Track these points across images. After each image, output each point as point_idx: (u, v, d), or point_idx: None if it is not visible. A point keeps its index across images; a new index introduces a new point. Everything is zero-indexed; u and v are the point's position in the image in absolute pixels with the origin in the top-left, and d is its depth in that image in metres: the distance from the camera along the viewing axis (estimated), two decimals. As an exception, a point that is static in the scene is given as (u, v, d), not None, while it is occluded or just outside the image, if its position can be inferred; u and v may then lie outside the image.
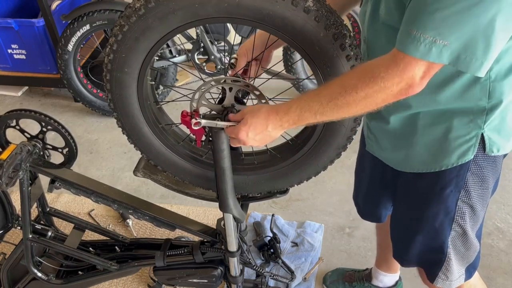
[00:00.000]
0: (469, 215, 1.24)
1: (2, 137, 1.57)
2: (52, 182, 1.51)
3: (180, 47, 3.08)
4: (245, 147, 1.19)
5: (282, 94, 1.33)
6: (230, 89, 1.15)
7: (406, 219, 1.36)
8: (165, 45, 2.96)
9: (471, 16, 0.83)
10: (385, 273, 1.91)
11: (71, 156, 1.58)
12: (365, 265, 2.08)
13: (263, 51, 1.23)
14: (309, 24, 0.99)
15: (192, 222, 1.56)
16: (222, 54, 3.03)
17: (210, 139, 1.20)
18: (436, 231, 1.27)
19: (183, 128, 1.25)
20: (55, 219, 1.79)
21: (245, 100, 1.20)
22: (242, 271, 1.56)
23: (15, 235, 2.18)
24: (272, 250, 1.95)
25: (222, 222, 1.41)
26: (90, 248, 1.69)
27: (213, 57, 3.00)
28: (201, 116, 1.16)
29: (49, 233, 1.67)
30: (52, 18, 3.00)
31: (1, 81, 3.38)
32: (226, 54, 3.02)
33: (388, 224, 1.51)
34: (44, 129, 1.53)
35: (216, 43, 3.05)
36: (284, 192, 1.39)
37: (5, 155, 1.39)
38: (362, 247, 2.23)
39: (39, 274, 1.62)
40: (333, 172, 2.61)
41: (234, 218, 1.36)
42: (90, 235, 1.95)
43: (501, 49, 0.93)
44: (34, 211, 1.67)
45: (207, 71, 3.07)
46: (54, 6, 3.11)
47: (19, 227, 1.63)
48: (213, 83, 1.14)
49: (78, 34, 2.88)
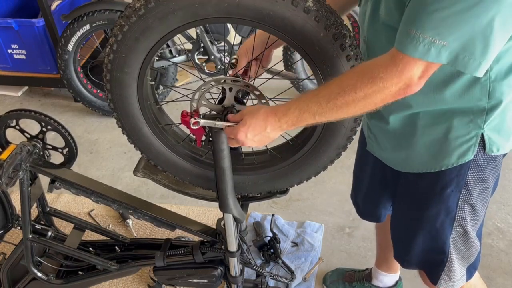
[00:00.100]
0: (470, 214, 1.24)
1: (2, 137, 1.57)
2: (52, 182, 1.51)
3: (180, 47, 3.08)
4: (245, 147, 1.19)
5: (282, 94, 1.33)
6: (230, 89, 1.15)
7: (407, 219, 1.36)
8: (165, 45, 2.96)
9: (471, 17, 0.83)
10: (385, 273, 1.91)
11: (71, 156, 1.58)
12: (365, 265, 2.08)
13: (263, 51, 1.23)
14: (309, 24, 0.99)
15: (192, 222, 1.56)
16: (222, 54, 3.02)
17: (210, 139, 1.20)
18: (437, 231, 1.27)
19: (183, 128, 1.25)
20: (55, 219, 1.79)
21: (245, 100, 1.20)
22: (242, 271, 1.56)
23: (15, 235, 2.18)
24: (272, 250, 1.95)
25: (222, 222, 1.41)
26: (90, 248, 1.69)
27: (213, 57, 3.00)
28: (201, 116, 1.16)
29: (49, 233, 1.67)
30: (52, 18, 3.00)
31: (1, 81, 3.38)
32: (226, 54, 3.01)
33: (388, 224, 1.51)
34: (44, 129, 1.53)
35: (216, 43, 3.05)
36: (284, 192, 1.39)
37: (5, 155, 1.39)
38: (362, 247, 2.23)
39: (39, 274, 1.62)
40: (333, 172, 2.61)
41: (234, 218, 1.36)
42: (90, 235, 1.95)
43: (501, 50, 0.93)
44: (34, 211, 1.66)
45: (207, 71, 3.07)
46: (54, 6, 3.11)
47: (19, 227, 1.63)
48: (213, 83, 1.14)
49: (78, 34, 2.88)
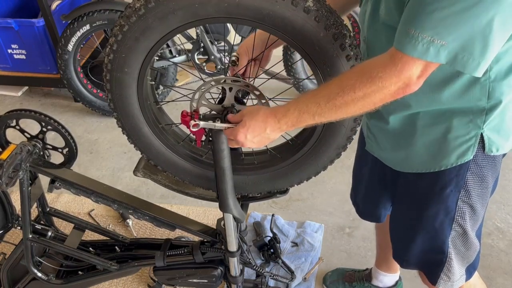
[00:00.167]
0: (469, 214, 1.24)
1: (2, 137, 1.57)
2: (52, 182, 1.51)
3: (180, 47, 3.08)
4: (245, 147, 1.19)
5: (282, 94, 1.33)
6: (230, 89, 1.15)
7: (406, 219, 1.36)
8: (165, 45, 2.96)
9: (470, 17, 0.83)
10: (385, 273, 1.91)
11: (71, 156, 1.58)
12: (365, 265, 2.08)
13: (263, 51, 1.23)
14: (309, 24, 0.99)
15: (192, 222, 1.56)
16: (222, 54, 3.02)
17: (210, 139, 1.20)
18: (436, 231, 1.27)
19: (183, 128, 1.25)
20: (55, 219, 1.79)
21: (245, 100, 1.20)
22: (242, 271, 1.56)
23: (15, 235, 2.18)
24: (272, 250, 1.95)
25: (222, 222, 1.41)
26: (90, 248, 1.69)
27: (213, 57, 3.00)
28: (201, 117, 1.16)
29: (49, 233, 1.67)
30: (52, 18, 3.00)
31: (1, 81, 3.38)
32: (226, 54, 3.02)
33: (387, 224, 1.51)
34: (44, 129, 1.53)
35: (216, 43, 3.05)
36: (284, 192, 1.39)
37: (5, 155, 1.39)
38: (362, 247, 2.23)
39: (39, 274, 1.62)
40: (333, 172, 2.61)
41: (234, 218, 1.36)
42: (90, 235, 1.95)
43: (501, 50, 0.93)
44: (34, 211, 1.66)
45: (207, 71, 3.07)
46: (54, 6, 3.11)
47: (19, 227, 1.63)
48: (213, 83, 1.14)
49: (78, 34, 2.88)
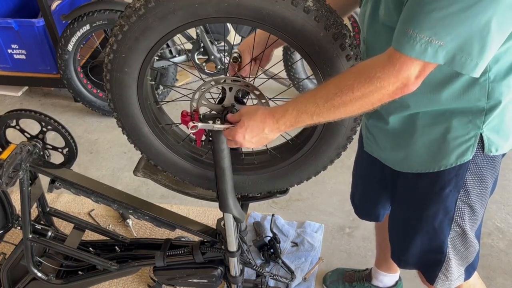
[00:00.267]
0: (469, 215, 1.24)
1: (2, 137, 1.57)
2: (52, 182, 1.51)
3: (180, 47, 3.08)
4: (245, 147, 1.19)
5: (282, 94, 1.33)
6: (230, 89, 1.16)
7: (405, 219, 1.36)
8: (165, 45, 2.96)
9: (468, 17, 0.83)
10: (385, 273, 1.91)
11: (71, 156, 1.58)
12: (365, 265, 2.08)
13: (264, 51, 1.23)
14: (309, 24, 0.99)
15: (192, 222, 1.56)
16: (222, 54, 3.03)
17: (210, 139, 1.20)
18: (435, 231, 1.28)
19: (183, 128, 1.25)
20: (55, 219, 1.79)
21: (245, 100, 1.20)
22: (242, 271, 1.56)
23: (15, 235, 2.18)
24: (272, 250, 1.95)
25: (222, 222, 1.41)
26: (90, 248, 1.69)
27: (213, 57, 3.00)
28: (201, 117, 1.16)
29: (49, 233, 1.67)
30: (52, 18, 3.00)
31: (1, 81, 3.38)
32: (226, 54, 3.02)
33: (387, 223, 1.51)
34: (44, 129, 1.53)
35: (216, 43, 3.05)
36: (284, 192, 1.39)
37: (5, 155, 1.39)
38: (362, 247, 2.23)
39: (39, 274, 1.62)
40: (333, 172, 2.61)
41: (234, 218, 1.36)
42: (90, 235, 1.95)
43: (500, 50, 0.94)
44: (34, 211, 1.67)
45: (207, 71, 3.07)
46: (54, 6, 3.11)
47: (19, 227, 1.63)
48: (213, 83, 1.15)
49: (78, 34, 2.88)
